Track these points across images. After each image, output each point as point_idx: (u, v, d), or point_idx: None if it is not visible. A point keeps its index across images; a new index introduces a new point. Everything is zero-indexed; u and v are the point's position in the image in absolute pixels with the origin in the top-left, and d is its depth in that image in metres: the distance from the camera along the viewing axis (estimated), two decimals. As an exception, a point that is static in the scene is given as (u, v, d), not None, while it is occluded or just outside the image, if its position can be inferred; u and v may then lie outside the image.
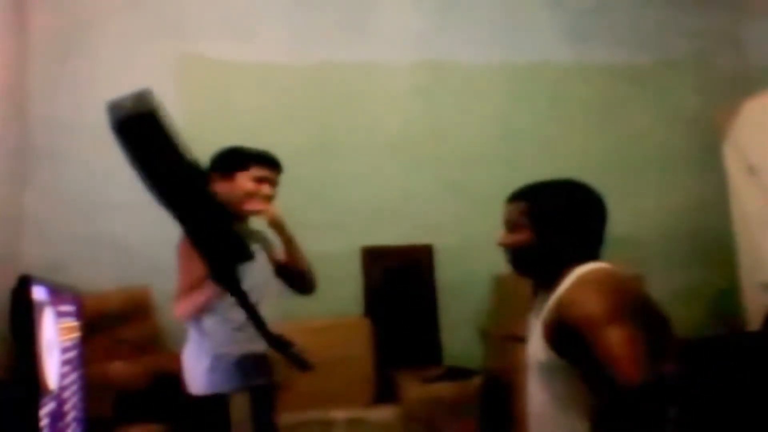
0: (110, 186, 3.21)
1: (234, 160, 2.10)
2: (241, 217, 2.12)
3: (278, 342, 1.92)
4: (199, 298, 1.92)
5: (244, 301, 1.83)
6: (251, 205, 2.09)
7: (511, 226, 1.42)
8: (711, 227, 3.62)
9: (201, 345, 2.00)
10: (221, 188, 2.04)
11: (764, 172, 3.13)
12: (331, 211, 3.45)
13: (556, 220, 1.37)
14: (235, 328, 1.96)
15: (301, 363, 1.99)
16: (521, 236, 1.39)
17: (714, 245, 3.59)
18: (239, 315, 1.89)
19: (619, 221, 3.57)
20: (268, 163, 2.12)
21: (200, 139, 1.94)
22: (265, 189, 2.10)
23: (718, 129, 3.44)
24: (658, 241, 3.68)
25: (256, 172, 2.08)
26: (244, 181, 2.07)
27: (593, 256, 1.38)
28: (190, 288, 1.94)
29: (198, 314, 1.97)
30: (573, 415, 1.27)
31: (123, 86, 1.64)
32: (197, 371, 2.00)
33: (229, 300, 1.88)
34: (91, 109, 3.37)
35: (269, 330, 1.90)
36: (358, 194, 3.50)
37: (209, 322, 1.99)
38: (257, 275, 2.03)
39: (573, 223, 1.37)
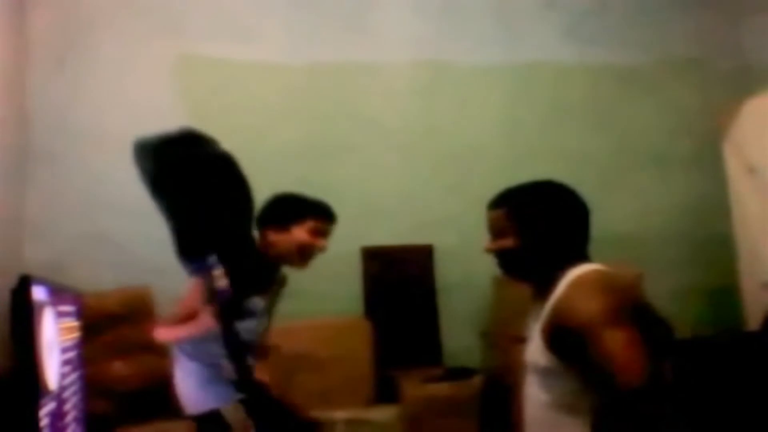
0: (110, 186, 3.21)
1: (291, 211, 2.02)
2: (279, 265, 2.07)
3: (255, 394, 1.83)
4: (183, 331, 1.87)
5: (231, 338, 1.72)
6: (303, 261, 2.03)
7: (496, 232, 1.43)
8: (711, 227, 3.62)
9: (186, 365, 1.98)
10: (276, 239, 1.99)
11: (764, 172, 3.13)
12: (331, 211, 3.45)
13: (538, 222, 1.37)
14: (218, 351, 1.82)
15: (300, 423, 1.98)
16: (507, 241, 1.39)
17: (714, 245, 3.59)
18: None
19: (619, 221, 3.60)
20: (326, 214, 2.05)
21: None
22: (322, 243, 2.02)
23: (718, 129, 3.44)
24: (658, 241, 3.68)
25: (313, 224, 2.01)
26: (301, 233, 1.99)
27: (583, 256, 1.38)
28: (181, 319, 1.89)
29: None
30: (571, 419, 1.27)
31: (123, 86, 1.65)
32: (187, 391, 1.98)
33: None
34: (90, 109, 3.38)
35: (251, 380, 1.82)
36: (358, 194, 3.49)
37: (193, 344, 1.93)
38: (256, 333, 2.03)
39: (556, 223, 1.37)
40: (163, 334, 1.94)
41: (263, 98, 3.48)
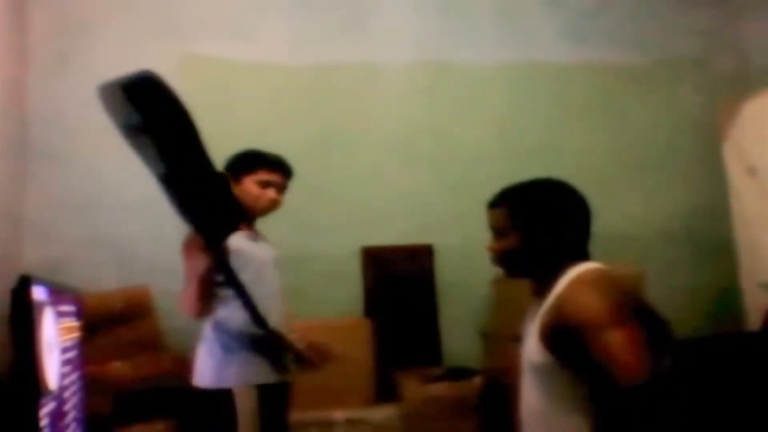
0: (110, 186, 3.22)
1: (243, 162, 2.11)
2: (251, 217, 2.13)
3: (265, 327, 1.94)
4: (192, 286, 1.90)
5: (230, 274, 1.83)
6: (259, 212, 2.10)
7: (497, 231, 1.43)
8: (711, 227, 3.62)
9: (214, 340, 2.01)
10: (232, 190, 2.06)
11: (764, 172, 3.13)
12: (331, 211, 3.45)
13: (539, 220, 1.37)
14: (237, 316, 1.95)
15: (297, 355, 2.05)
16: (509, 241, 1.40)
17: (714, 245, 3.59)
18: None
19: (619, 221, 3.60)
20: (276, 167, 2.12)
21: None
22: (270, 194, 2.10)
23: (718, 129, 3.44)
24: (658, 241, 3.68)
25: (262, 176, 2.08)
26: (249, 184, 2.08)
27: (584, 254, 1.38)
28: (187, 282, 1.93)
29: (204, 306, 1.95)
30: (566, 417, 1.27)
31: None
32: (208, 365, 2.01)
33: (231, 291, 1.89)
34: (90, 109, 3.37)
35: (259, 314, 1.91)
36: (358, 194, 3.50)
37: (223, 312, 1.98)
38: (268, 281, 2.05)
39: (556, 221, 1.37)
40: (183, 302, 1.95)
41: (264, 98, 3.48)
